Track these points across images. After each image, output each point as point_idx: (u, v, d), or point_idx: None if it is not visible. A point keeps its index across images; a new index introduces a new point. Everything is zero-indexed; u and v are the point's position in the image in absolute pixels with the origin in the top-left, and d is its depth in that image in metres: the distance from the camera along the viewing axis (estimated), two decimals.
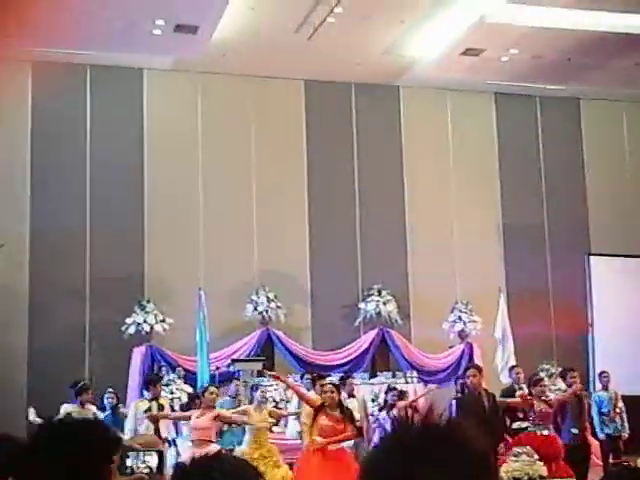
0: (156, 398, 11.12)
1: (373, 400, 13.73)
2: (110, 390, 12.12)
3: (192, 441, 9.99)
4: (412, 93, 16.69)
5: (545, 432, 9.88)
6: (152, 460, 7.71)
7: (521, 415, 11.49)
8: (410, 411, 8.84)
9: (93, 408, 11.64)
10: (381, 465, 1.66)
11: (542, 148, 17.37)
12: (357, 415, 11.74)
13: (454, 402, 10.34)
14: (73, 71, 14.97)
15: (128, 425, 10.95)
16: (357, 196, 16.30)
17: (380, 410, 12.82)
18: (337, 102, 16.39)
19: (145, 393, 12.03)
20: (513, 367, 13.61)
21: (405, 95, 16.76)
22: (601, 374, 13.30)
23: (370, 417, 12.75)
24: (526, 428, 10.94)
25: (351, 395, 12.28)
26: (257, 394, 11.21)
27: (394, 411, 11.75)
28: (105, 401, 11.88)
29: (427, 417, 1.69)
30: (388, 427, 1.82)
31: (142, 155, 15.38)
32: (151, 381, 11.50)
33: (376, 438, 10.50)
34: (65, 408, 11.32)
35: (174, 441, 11.33)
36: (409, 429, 1.69)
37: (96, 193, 14.97)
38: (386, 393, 12.89)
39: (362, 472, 1.70)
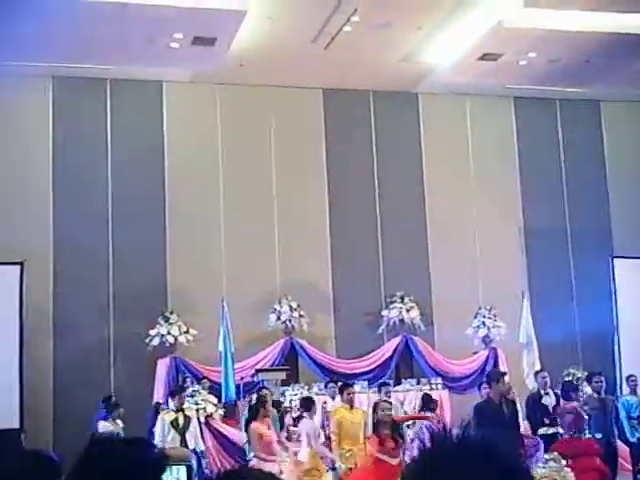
0: (182, 409, 11.15)
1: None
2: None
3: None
4: (430, 99, 16.67)
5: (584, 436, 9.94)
6: (181, 474, 7.74)
7: (547, 421, 11.45)
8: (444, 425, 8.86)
9: (121, 424, 11.71)
10: None
11: (563, 151, 17.29)
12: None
13: (473, 409, 10.32)
14: (93, 85, 15.09)
15: (157, 437, 10.99)
16: (378, 203, 16.29)
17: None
18: (356, 110, 16.40)
19: (170, 404, 12.08)
20: (538, 372, 13.52)
21: (424, 102, 16.75)
22: (628, 378, 13.19)
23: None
24: (554, 434, 10.93)
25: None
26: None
27: (425, 423, 11.71)
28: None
29: (464, 433, 1.70)
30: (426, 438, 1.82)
31: (163, 167, 15.45)
32: (174, 392, 11.55)
33: (414, 450, 10.47)
34: (105, 426, 11.36)
35: (201, 452, 11.37)
36: (446, 446, 1.69)
37: (118, 206, 15.05)
38: (423, 400, 12.74)
39: None
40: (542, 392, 11.91)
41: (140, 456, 2.28)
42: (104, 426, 11.45)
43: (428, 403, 12.63)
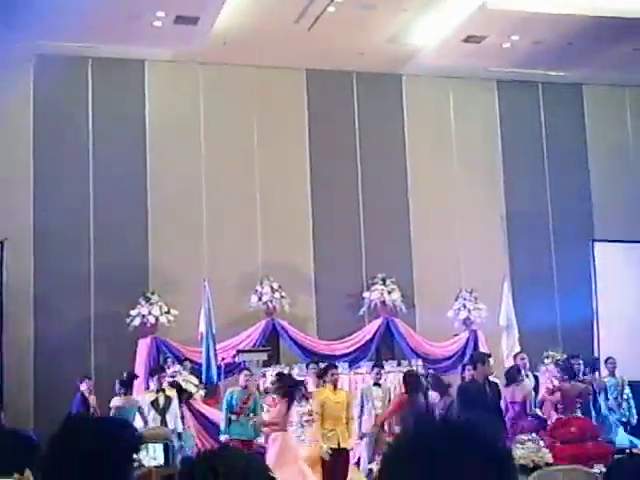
0: (163, 390, 11.14)
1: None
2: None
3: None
4: (414, 81, 16.65)
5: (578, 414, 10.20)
6: (158, 452, 7.73)
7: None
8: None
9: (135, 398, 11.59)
10: (402, 464, 1.66)
11: (545, 134, 17.33)
12: (379, 404, 11.83)
13: (457, 390, 10.40)
14: (75, 63, 14.96)
15: (138, 416, 10.98)
16: (360, 185, 16.29)
17: None
18: (339, 91, 16.36)
19: (151, 385, 12.08)
20: (517, 354, 13.62)
21: (407, 84, 16.72)
22: (607, 360, 13.31)
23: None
24: (534, 415, 11.06)
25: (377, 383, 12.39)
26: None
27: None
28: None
29: (447, 414, 1.70)
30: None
31: (144, 147, 15.37)
32: (153, 372, 11.52)
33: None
34: (114, 402, 11.29)
35: (179, 435, 11.36)
36: (430, 427, 1.69)
37: (99, 186, 14.97)
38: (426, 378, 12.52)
39: (382, 468, 1.71)
40: (522, 372, 11.96)
41: (112, 434, 2.27)
42: (115, 401, 11.42)
43: (439, 385, 12.39)
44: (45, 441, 3.67)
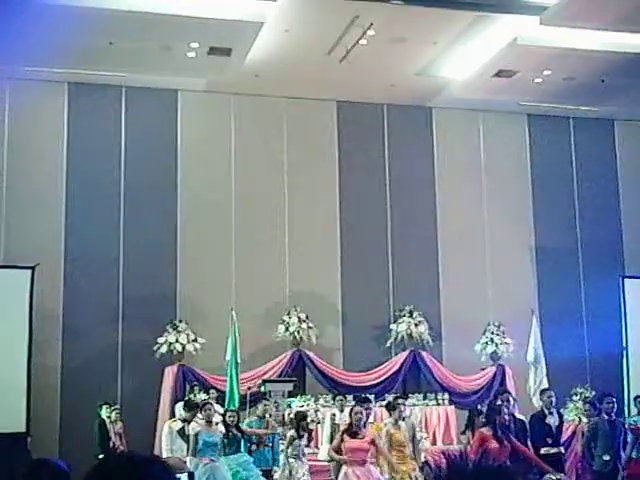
0: (190, 421, 11.06)
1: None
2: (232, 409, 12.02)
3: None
4: (444, 114, 16.69)
5: None
6: None
7: (550, 441, 11.34)
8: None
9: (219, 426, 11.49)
10: None
11: (575, 169, 17.26)
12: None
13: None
14: (108, 92, 15.15)
15: (164, 444, 10.92)
16: (389, 217, 16.30)
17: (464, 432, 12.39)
18: (369, 123, 16.43)
19: (178, 413, 12.04)
20: (544, 390, 13.45)
21: (437, 116, 16.76)
22: (636, 398, 13.11)
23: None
24: (556, 454, 10.87)
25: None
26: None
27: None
28: (227, 420, 11.28)
29: (480, 460, 1.70)
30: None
31: (175, 176, 15.49)
32: (193, 406, 11.32)
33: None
34: (193, 428, 11.15)
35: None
36: (462, 473, 1.69)
37: (129, 214, 15.10)
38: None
39: None
40: (546, 411, 11.78)
41: (149, 474, 2.28)
42: (193, 428, 11.23)
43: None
44: (72, 469, 3.70)
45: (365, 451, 9.81)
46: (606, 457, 10.76)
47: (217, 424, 11.06)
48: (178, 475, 7.67)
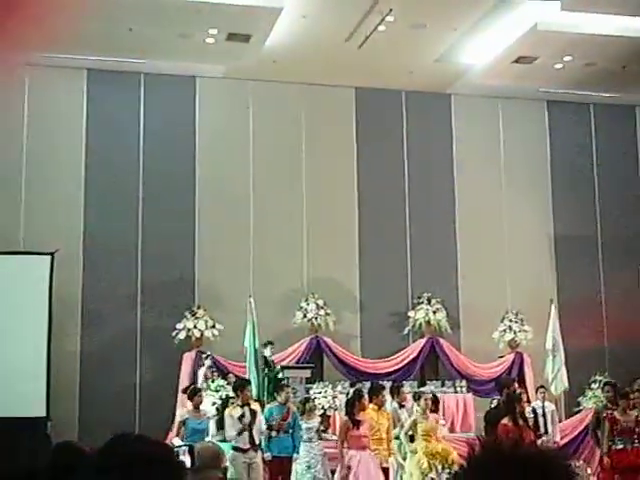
0: (247, 403, 11.07)
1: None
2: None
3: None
4: (463, 101, 16.60)
5: (629, 446, 10.07)
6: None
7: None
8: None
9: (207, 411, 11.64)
10: None
11: (595, 157, 17.14)
12: (407, 424, 11.72)
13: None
14: (127, 79, 15.17)
15: (228, 432, 10.91)
16: (407, 203, 16.25)
17: None
18: (388, 110, 16.36)
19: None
20: (539, 387, 13.59)
21: (456, 103, 16.67)
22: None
23: None
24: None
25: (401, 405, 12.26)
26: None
27: None
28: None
29: (517, 443, 1.69)
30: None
31: (194, 162, 15.51)
32: (238, 387, 11.39)
33: None
34: (181, 415, 11.30)
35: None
36: (498, 452, 1.68)
37: (148, 199, 15.14)
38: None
39: None
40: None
41: (160, 461, 2.27)
42: (180, 415, 11.46)
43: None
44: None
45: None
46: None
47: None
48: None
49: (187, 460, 5.15)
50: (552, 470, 1.66)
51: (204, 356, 13.85)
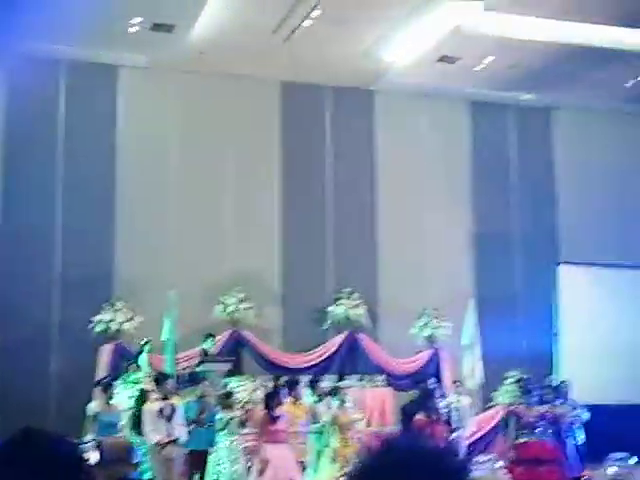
0: (166, 397, 10.93)
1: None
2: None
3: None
4: (387, 98, 16.71)
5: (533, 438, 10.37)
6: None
7: None
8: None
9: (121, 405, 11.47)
10: None
11: (514, 157, 17.46)
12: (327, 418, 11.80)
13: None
14: (47, 66, 14.81)
15: (146, 427, 10.74)
16: (330, 200, 16.31)
17: None
18: (312, 104, 16.39)
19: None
20: (455, 381, 13.88)
21: (380, 99, 16.78)
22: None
23: None
24: None
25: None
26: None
27: None
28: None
29: (416, 440, 1.70)
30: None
31: (114, 152, 15.27)
32: (158, 380, 11.26)
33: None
34: (92, 408, 11.10)
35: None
36: (394, 448, 1.69)
37: (67, 190, 14.85)
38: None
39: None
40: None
41: (59, 454, 2.24)
42: (91, 408, 11.22)
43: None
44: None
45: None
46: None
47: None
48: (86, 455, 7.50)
49: (96, 456, 5.08)
50: (441, 469, 1.67)
51: (142, 343, 13.66)
